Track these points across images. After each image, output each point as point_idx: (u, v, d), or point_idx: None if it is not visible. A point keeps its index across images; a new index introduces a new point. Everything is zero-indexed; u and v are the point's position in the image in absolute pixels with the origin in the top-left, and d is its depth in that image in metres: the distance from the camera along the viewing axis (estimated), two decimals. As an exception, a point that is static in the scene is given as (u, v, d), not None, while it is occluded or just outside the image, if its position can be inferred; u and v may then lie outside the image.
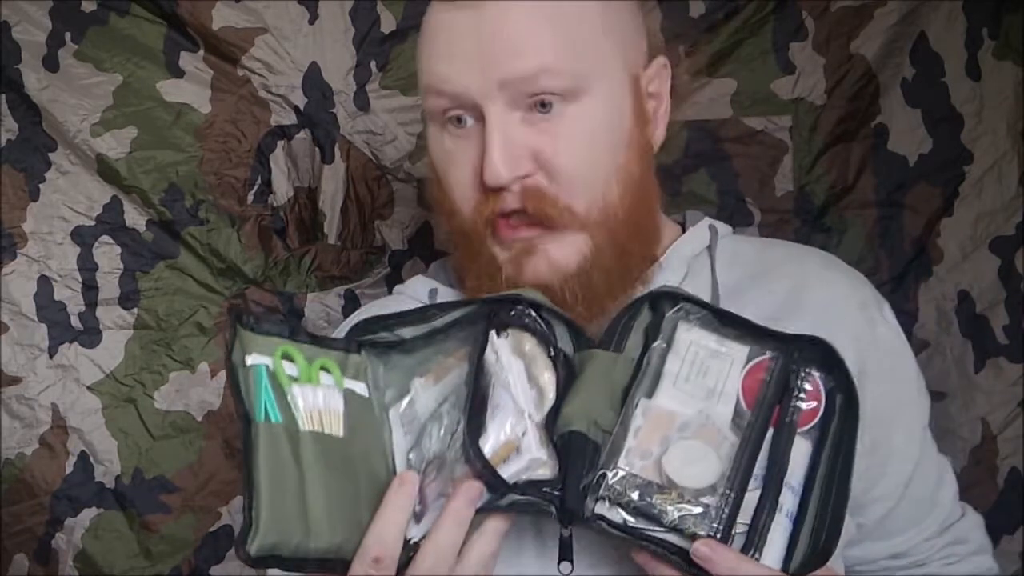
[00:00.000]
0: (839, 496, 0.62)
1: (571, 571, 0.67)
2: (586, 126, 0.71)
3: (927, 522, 0.82)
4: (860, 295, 0.79)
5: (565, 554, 0.67)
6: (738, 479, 0.61)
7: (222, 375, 1.18)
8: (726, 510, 0.60)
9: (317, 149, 1.19)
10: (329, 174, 1.19)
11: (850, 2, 1.19)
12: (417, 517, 0.64)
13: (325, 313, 1.19)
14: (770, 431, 0.63)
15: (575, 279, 0.71)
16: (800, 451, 0.63)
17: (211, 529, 1.18)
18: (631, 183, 0.73)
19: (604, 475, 0.62)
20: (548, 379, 0.67)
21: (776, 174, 1.20)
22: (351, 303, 1.19)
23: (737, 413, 0.64)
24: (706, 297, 0.73)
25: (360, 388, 0.69)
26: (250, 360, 0.63)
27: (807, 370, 0.64)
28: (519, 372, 0.67)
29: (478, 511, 0.62)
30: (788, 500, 0.61)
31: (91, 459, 1.17)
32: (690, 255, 0.79)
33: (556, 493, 0.64)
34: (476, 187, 0.71)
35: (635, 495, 0.61)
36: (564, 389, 0.67)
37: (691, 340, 0.66)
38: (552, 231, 0.71)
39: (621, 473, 0.62)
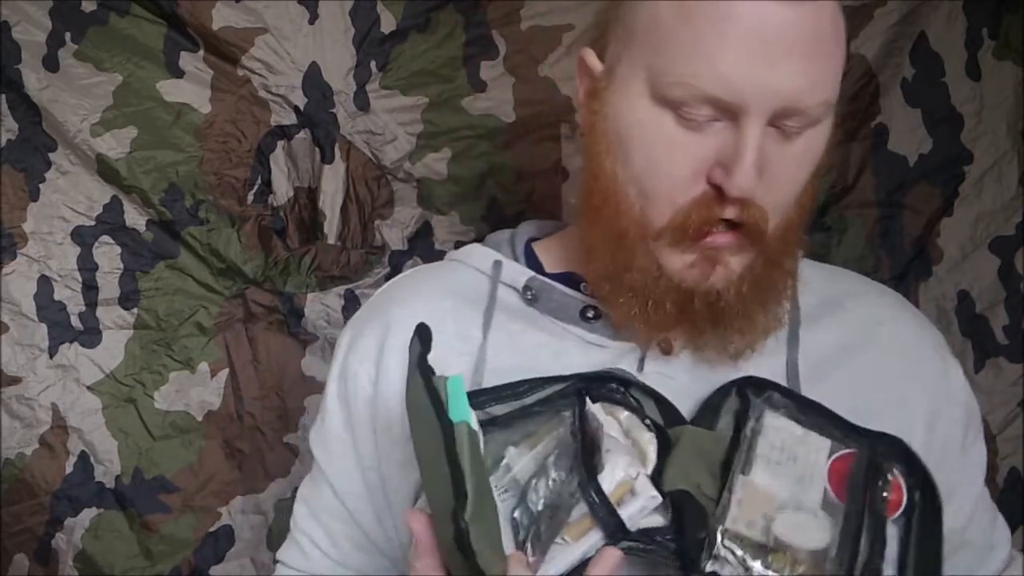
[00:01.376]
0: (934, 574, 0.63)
1: None
2: (814, 151, 0.69)
3: (984, 566, 0.81)
4: (933, 338, 0.79)
5: None
6: (848, 545, 0.61)
7: (222, 375, 1.18)
8: (843, 572, 0.61)
9: (317, 149, 1.19)
10: (329, 174, 1.19)
11: (850, 2, 1.19)
12: (534, 568, 0.63)
13: (325, 313, 1.19)
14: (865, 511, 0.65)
15: (735, 286, 0.69)
16: (891, 536, 0.64)
17: (211, 529, 1.18)
18: (807, 203, 0.71)
19: (717, 532, 0.62)
20: (648, 440, 0.67)
21: (776, 174, 1.20)
22: (351, 303, 1.19)
23: (826, 499, 0.65)
24: (786, 319, 0.73)
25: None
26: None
27: (890, 464, 0.66)
28: (617, 430, 0.67)
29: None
30: None
31: (91, 459, 1.17)
32: None
33: (670, 542, 0.63)
34: (695, 186, 0.66)
35: (750, 553, 0.62)
36: (661, 455, 0.66)
37: (777, 427, 0.67)
38: (746, 241, 0.68)
39: (734, 532, 0.62)
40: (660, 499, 0.63)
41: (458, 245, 1.17)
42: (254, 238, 1.19)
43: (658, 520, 0.64)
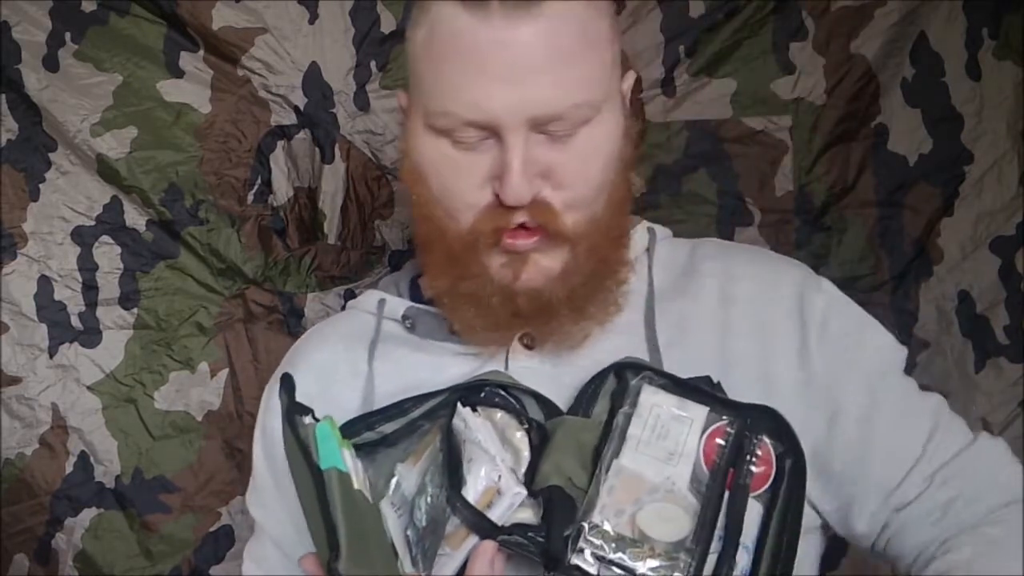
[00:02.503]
0: (788, 552, 0.66)
1: None
2: (595, 146, 0.72)
3: (925, 457, 0.75)
4: (788, 277, 0.80)
5: None
6: (703, 536, 0.65)
7: (222, 375, 1.18)
8: (693, 565, 0.64)
9: (317, 149, 1.19)
10: (329, 174, 1.19)
11: (850, 2, 1.19)
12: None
13: (325, 313, 1.19)
14: (726, 493, 0.67)
15: (558, 282, 0.73)
16: (753, 512, 0.67)
17: (211, 529, 1.18)
18: (615, 198, 0.75)
19: (582, 527, 0.66)
20: (520, 438, 0.70)
21: (776, 174, 1.20)
22: (351, 303, 1.19)
23: (695, 475, 0.67)
24: (642, 298, 0.78)
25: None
26: (307, 419, 0.69)
27: (758, 437, 0.68)
28: (488, 431, 0.70)
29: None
30: (743, 559, 0.66)
31: (91, 459, 1.17)
32: (631, 258, 0.81)
33: (540, 539, 0.66)
34: (483, 198, 0.72)
35: (611, 547, 0.65)
36: (538, 451, 0.70)
37: (653, 403, 0.70)
38: (546, 241, 0.72)
39: (598, 527, 0.66)
40: (525, 493, 0.67)
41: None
42: (254, 238, 1.19)
43: (530, 517, 0.67)
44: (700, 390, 0.70)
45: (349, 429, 0.73)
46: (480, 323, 0.75)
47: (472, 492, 0.67)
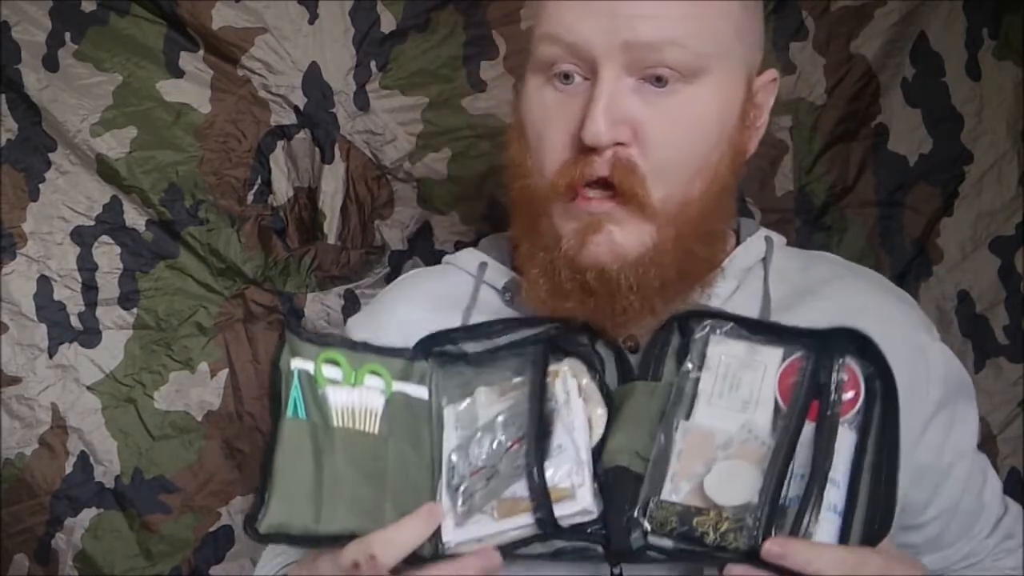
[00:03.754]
0: (888, 480, 0.62)
1: None
2: (694, 113, 0.68)
3: (978, 527, 0.81)
4: (910, 319, 0.78)
5: None
6: (772, 485, 0.60)
7: (222, 375, 1.18)
8: (762, 520, 0.60)
9: (317, 149, 1.19)
10: (329, 174, 1.19)
11: (850, 2, 1.19)
12: (459, 520, 0.66)
13: (325, 313, 1.19)
14: (810, 427, 0.62)
15: (632, 268, 0.69)
16: (844, 442, 0.62)
17: (211, 529, 1.18)
18: (715, 185, 0.70)
19: (647, 506, 0.63)
20: (600, 414, 0.69)
21: (776, 174, 1.20)
22: (351, 303, 1.19)
23: (778, 418, 0.63)
24: (756, 310, 0.73)
25: (419, 391, 0.73)
26: (293, 364, 0.70)
27: (841, 361, 0.63)
28: (579, 413, 0.68)
29: (521, 552, 0.64)
30: (833, 495, 0.61)
31: (91, 459, 1.17)
32: (745, 267, 0.77)
33: (601, 532, 0.64)
34: (569, 148, 0.69)
35: (675, 521, 0.62)
36: (609, 426, 0.68)
37: (721, 353, 0.66)
38: (624, 209, 0.68)
39: (660, 502, 0.63)
40: (595, 514, 0.64)
41: (458, 245, 1.18)
42: (254, 238, 1.19)
43: (588, 512, 0.64)
44: (770, 326, 0.67)
45: (429, 339, 0.73)
46: (548, 293, 0.71)
47: (549, 480, 0.65)
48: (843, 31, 1.19)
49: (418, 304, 0.81)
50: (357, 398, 0.70)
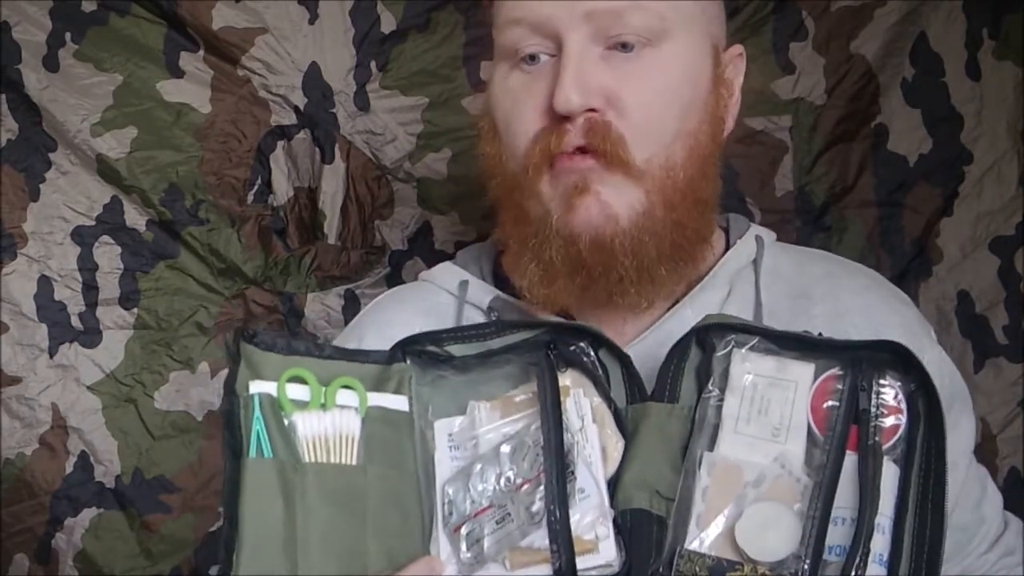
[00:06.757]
0: (935, 522, 0.55)
1: None
2: (663, 73, 0.68)
3: (975, 542, 0.79)
4: (904, 320, 0.75)
5: None
6: (814, 533, 0.54)
7: (222, 375, 1.18)
8: (806, 571, 0.53)
9: (317, 149, 1.19)
10: (329, 174, 1.19)
11: (850, 2, 1.19)
12: (464, 568, 0.60)
13: (325, 313, 1.19)
14: (850, 459, 0.55)
15: (627, 235, 0.67)
16: (888, 478, 0.55)
17: (211, 529, 1.18)
18: (697, 152, 0.70)
19: (671, 559, 0.57)
20: (616, 445, 0.63)
21: (776, 174, 1.20)
22: (351, 303, 1.19)
23: (811, 448, 0.57)
24: (748, 317, 0.70)
25: (398, 403, 0.66)
26: (253, 388, 0.62)
27: (881, 380, 0.57)
28: (595, 443, 0.61)
29: None
30: (879, 543, 0.54)
31: (91, 459, 1.17)
32: (735, 270, 0.75)
33: None
34: (541, 119, 0.68)
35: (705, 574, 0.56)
36: (625, 456, 0.62)
37: (746, 372, 0.60)
38: (607, 170, 0.67)
39: (689, 554, 0.56)
40: (616, 569, 0.58)
41: (458, 245, 1.18)
42: (254, 238, 1.19)
43: (611, 566, 0.59)
44: (800, 338, 0.60)
45: (411, 341, 0.67)
46: (542, 289, 0.69)
47: (574, 526, 0.59)
48: (843, 31, 1.19)
49: (406, 323, 0.76)
50: (330, 424, 0.62)
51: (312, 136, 1.19)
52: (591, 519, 0.59)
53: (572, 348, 0.64)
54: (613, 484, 0.61)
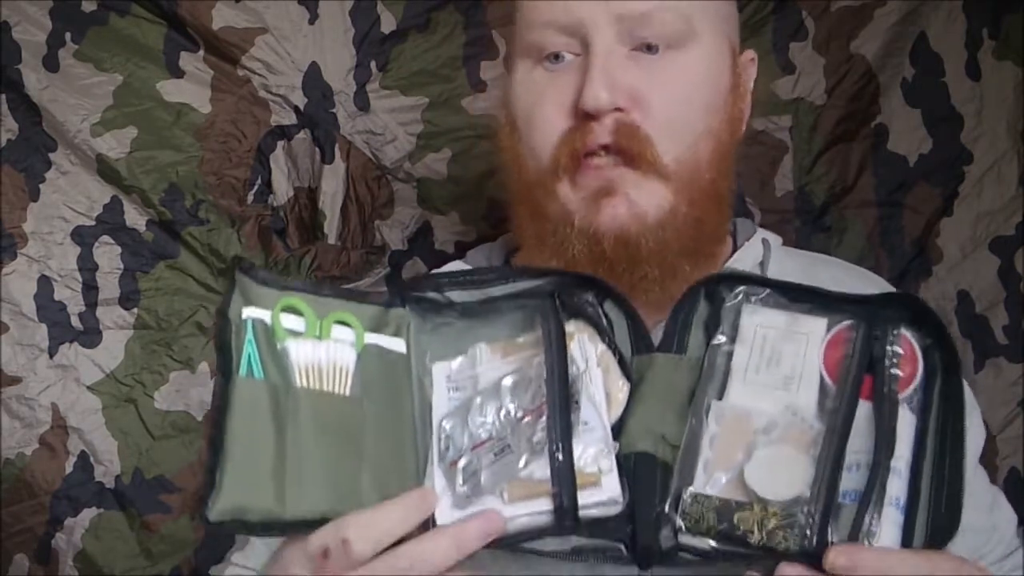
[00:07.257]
0: (954, 467, 0.54)
1: None
2: (688, 75, 0.70)
3: (987, 548, 0.78)
4: None
5: None
6: (826, 476, 0.53)
7: (222, 375, 1.18)
8: (816, 516, 0.52)
9: (317, 149, 1.19)
10: (329, 174, 1.19)
11: (850, 2, 1.19)
12: (459, 501, 0.57)
13: (325, 313, 1.19)
14: (864, 407, 0.55)
15: (652, 232, 0.67)
16: (904, 425, 0.54)
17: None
18: (719, 151, 0.71)
19: (678, 500, 0.56)
20: (621, 388, 0.61)
21: (776, 174, 1.20)
22: (351, 303, 1.19)
23: (823, 397, 0.56)
24: None
25: (395, 344, 0.64)
26: (246, 313, 0.59)
27: (895, 331, 0.56)
28: (600, 385, 0.60)
29: (531, 547, 0.57)
30: (895, 487, 0.53)
31: (91, 459, 1.17)
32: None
33: (626, 528, 0.57)
34: (567, 119, 0.69)
35: (713, 518, 0.54)
36: (630, 402, 0.61)
37: (757, 324, 0.59)
38: (636, 172, 0.67)
39: (695, 495, 0.55)
40: (620, 507, 0.57)
41: (458, 245, 1.18)
42: (254, 238, 1.19)
43: (615, 502, 0.57)
44: (813, 292, 0.59)
45: (412, 284, 0.66)
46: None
47: (577, 458, 0.57)
48: (843, 31, 1.19)
49: None
50: (324, 353, 0.60)
51: (312, 136, 1.19)
52: (594, 451, 0.57)
53: (576, 299, 0.63)
54: (617, 429, 0.60)
